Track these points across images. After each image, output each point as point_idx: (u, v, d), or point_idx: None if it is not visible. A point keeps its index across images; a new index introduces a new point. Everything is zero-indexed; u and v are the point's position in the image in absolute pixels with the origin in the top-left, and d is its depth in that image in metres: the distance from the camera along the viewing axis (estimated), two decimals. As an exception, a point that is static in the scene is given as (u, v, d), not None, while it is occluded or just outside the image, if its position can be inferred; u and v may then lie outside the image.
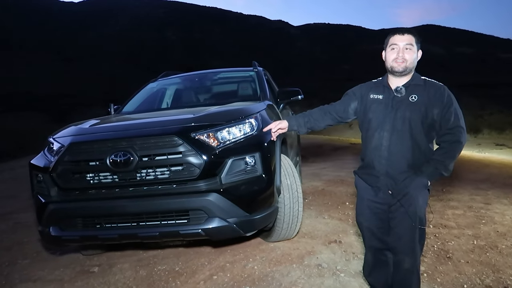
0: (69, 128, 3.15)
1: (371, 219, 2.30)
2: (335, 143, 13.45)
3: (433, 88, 2.13)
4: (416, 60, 2.16)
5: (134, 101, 4.43)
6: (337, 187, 5.84)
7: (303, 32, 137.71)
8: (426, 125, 2.11)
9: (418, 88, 2.14)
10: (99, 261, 3.51)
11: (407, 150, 2.12)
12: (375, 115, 2.21)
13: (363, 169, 2.33)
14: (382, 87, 2.25)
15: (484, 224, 4.07)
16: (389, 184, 2.17)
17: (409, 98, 2.13)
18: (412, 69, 2.16)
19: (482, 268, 3.02)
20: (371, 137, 2.22)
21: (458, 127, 2.08)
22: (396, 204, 2.16)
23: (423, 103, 2.10)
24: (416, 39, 2.15)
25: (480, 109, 24.68)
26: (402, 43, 2.12)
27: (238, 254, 3.31)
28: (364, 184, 2.31)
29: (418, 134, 2.11)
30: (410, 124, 2.10)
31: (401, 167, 2.13)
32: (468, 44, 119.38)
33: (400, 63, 2.11)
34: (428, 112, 2.09)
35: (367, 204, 2.30)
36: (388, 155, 2.15)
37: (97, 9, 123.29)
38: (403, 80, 2.17)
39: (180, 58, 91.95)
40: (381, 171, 2.18)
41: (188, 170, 2.62)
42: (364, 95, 2.32)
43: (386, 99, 2.19)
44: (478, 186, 6.07)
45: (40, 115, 24.37)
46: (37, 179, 2.94)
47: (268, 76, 4.93)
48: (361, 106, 2.33)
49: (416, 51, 2.15)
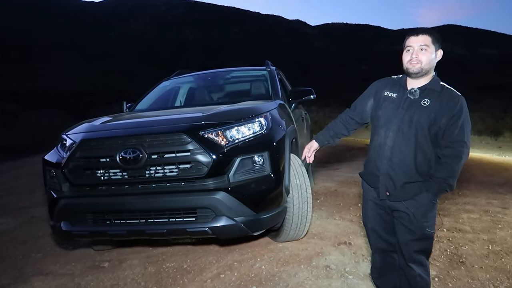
0: (81, 125, 3.20)
1: (375, 220, 2.29)
2: (350, 144, 13.30)
3: (448, 96, 2.06)
4: (433, 60, 2.09)
5: (147, 99, 4.48)
6: (350, 188, 5.77)
7: (321, 32, 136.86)
8: (433, 132, 2.05)
9: (433, 94, 2.08)
10: (110, 256, 3.56)
11: (410, 153, 2.07)
12: (384, 113, 2.18)
13: (366, 168, 2.32)
14: (399, 86, 2.21)
15: (500, 229, 3.96)
16: (388, 184, 2.14)
17: (421, 101, 2.08)
18: (428, 71, 2.09)
19: (496, 274, 2.93)
20: (376, 135, 2.21)
21: (460, 142, 2.00)
22: (403, 212, 2.13)
23: (433, 109, 2.04)
24: (433, 39, 2.08)
25: (503, 112, 24.00)
26: (417, 44, 2.07)
27: (246, 253, 3.31)
28: (368, 185, 2.31)
29: (423, 140, 2.06)
30: (417, 128, 2.06)
31: (401, 170, 2.09)
32: (491, 45, 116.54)
33: (414, 64, 2.06)
34: (437, 119, 2.03)
35: (370, 205, 2.30)
36: (390, 155, 2.11)
37: (117, 9, 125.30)
38: (420, 82, 2.12)
39: (198, 58, 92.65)
40: (381, 170, 2.15)
41: (196, 168, 2.63)
42: (379, 91, 2.28)
43: (398, 98, 2.16)
44: (496, 189, 5.90)
45: (61, 112, 24.93)
46: (50, 175, 3.00)
47: (281, 75, 4.91)
48: (374, 101, 2.30)
49: (433, 51, 2.07)
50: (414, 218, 2.10)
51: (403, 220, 2.14)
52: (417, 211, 2.09)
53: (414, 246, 2.14)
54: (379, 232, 2.29)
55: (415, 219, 2.09)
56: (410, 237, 2.13)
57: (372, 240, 2.36)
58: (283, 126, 3.12)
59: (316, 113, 24.79)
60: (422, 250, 2.17)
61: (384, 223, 2.27)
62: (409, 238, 2.14)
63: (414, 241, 2.13)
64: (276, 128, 2.98)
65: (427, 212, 2.10)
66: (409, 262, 2.18)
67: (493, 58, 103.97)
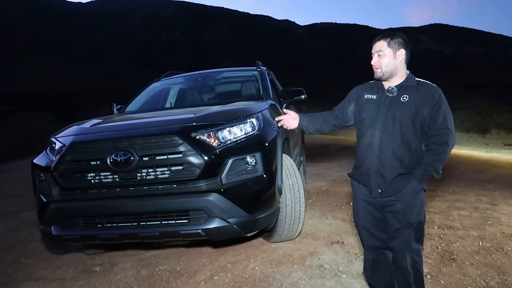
0: (71, 127, 3.16)
1: (366, 218, 2.32)
2: (341, 143, 13.37)
3: (425, 88, 2.16)
4: (392, 62, 2.17)
5: (137, 100, 4.44)
6: (342, 187, 5.79)
7: (310, 31, 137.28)
8: (417, 125, 2.13)
9: (410, 89, 2.17)
10: (101, 260, 3.53)
11: (397, 149, 2.14)
12: (367, 114, 2.26)
13: (356, 169, 2.35)
14: (377, 88, 2.29)
15: (490, 225, 4.01)
16: (379, 182, 2.18)
17: (400, 98, 2.16)
18: (392, 72, 2.18)
19: (487, 270, 2.97)
20: (363, 136, 2.26)
21: (445, 129, 2.08)
22: (392, 205, 2.17)
23: (413, 103, 2.12)
24: (388, 42, 2.17)
25: (489, 109, 24.38)
26: (374, 51, 2.21)
27: (239, 254, 3.30)
28: (358, 184, 2.34)
29: (408, 134, 2.13)
30: (401, 123, 2.13)
31: (391, 166, 2.15)
32: (477, 43, 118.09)
33: (375, 70, 2.20)
34: (419, 112, 2.11)
35: (361, 203, 2.33)
36: (379, 153, 2.17)
37: (105, 10, 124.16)
38: (395, 81, 2.21)
39: (188, 58, 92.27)
40: (372, 169, 2.20)
41: (188, 170, 2.61)
42: (359, 96, 2.36)
43: (379, 99, 2.24)
44: (485, 186, 5.98)
45: (49, 114, 24.59)
46: (39, 178, 2.96)
47: (272, 76, 4.91)
48: (356, 106, 2.37)
49: (390, 54, 2.17)
50: (404, 209, 2.14)
51: (394, 213, 2.17)
52: (406, 200, 2.13)
53: (405, 234, 2.17)
54: (371, 229, 2.32)
55: (405, 209, 2.13)
56: (402, 226, 2.16)
57: (364, 238, 2.39)
58: (275, 126, 3.12)
59: (306, 113, 24.85)
60: (415, 238, 2.19)
61: (375, 220, 2.30)
62: (400, 227, 2.17)
63: (405, 229, 2.16)
64: (268, 128, 2.98)
65: (415, 200, 2.15)
66: (402, 252, 2.19)
67: (480, 56, 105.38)
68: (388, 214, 2.22)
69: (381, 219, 2.28)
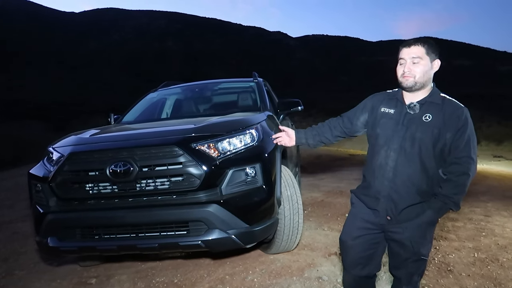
0: (69, 137, 3.14)
1: (360, 238, 2.10)
2: (334, 154, 13.44)
3: (451, 108, 1.92)
4: (428, 72, 1.95)
5: (134, 111, 4.43)
6: (336, 198, 5.82)
7: (302, 43, 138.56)
8: (438, 149, 1.92)
9: (434, 107, 1.94)
10: (97, 272, 3.48)
11: (414, 174, 1.93)
12: (383, 131, 2.03)
13: (362, 188, 2.14)
14: (395, 101, 2.06)
15: (484, 236, 4.06)
16: (389, 208, 1.98)
17: (422, 117, 1.93)
18: (424, 83, 1.95)
19: (483, 281, 2.99)
20: (376, 154, 2.04)
21: (467, 157, 1.87)
22: (398, 233, 2.01)
23: (437, 124, 1.90)
24: (426, 49, 1.94)
25: (479, 121, 24.76)
26: (409, 56, 1.94)
27: (237, 266, 3.28)
28: (362, 204, 2.13)
29: (427, 158, 1.92)
30: (420, 147, 1.91)
31: (405, 192, 1.94)
32: (466, 56, 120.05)
33: (407, 78, 1.93)
34: (441, 135, 1.89)
35: (359, 222, 2.11)
36: (393, 176, 1.96)
37: (98, 20, 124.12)
38: (418, 95, 1.98)
39: (181, 68, 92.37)
40: (382, 192, 1.99)
41: (188, 180, 2.61)
42: (375, 107, 2.13)
43: (397, 114, 2.00)
44: (478, 198, 6.06)
45: (41, 124, 24.34)
46: (36, 189, 2.92)
47: (268, 87, 4.94)
48: (370, 119, 2.14)
49: (428, 63, 1.94)
50: (413, 240, 1.97)
51: (399, 243, 2.02)
52: (416, 231, 1.97)
53: (410, 267, 2.05)
54: (360, 251, 2.11)
55: (414, 241, 1.97)
56: (408, 258, 2.02)
57: (349, 259, 2.15)
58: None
59: (299, 124, 24.97)
60: (419, 272, 2.09)
61: (367, 247, 2.10)
62: (406, 258, 2.03)
63: (411, 262, 2.03)
64: (267, 139, 2.99)
65: (426, 232, 1.99)
66: (402, 282, 2.10)
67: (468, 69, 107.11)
68: (392, 242, 2.06)
69: (374, 248, 2.11)
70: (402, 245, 2.02)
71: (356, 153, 14.31)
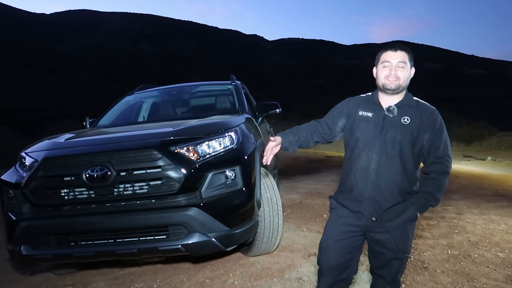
0: (42, 142, 3.05)
1: (341, 245, 2.09)
2: (311, 156, 13.58)
3: (426, 112, 2.00)
4: (409, 78, 2.03)
5: (110, 114, 4.35)
6: (314, 199, 5.87)
7: (278, 46, 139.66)
8: (416, 150, 1.99)
9: (411, 110, 2.00)
10: (73, 280, 3.39)
11: (396, 175, 1.97)
12: (363, 134, 2.05)
13: (343, 193, 2.14)
14: (372, 104, 2.08)
15: (457, 234, 4.19)
16: (373, 210, 2.00)
17: (401, 119, 1.98)
18: (404, 88, 2.02)
19: (457, 277, 3.09)
20: (357, 158, 2.05)
21: (446, 157, 1.98)
22: (381, 233, 2.03)
23: (415, 126, 1.96)
24: (409, 56, 2.01)
25: (449, 122, 25.58)
26: (395, 60, 1.98)
27: (217, 269, 3.27)
28: (343, 208, 2.13)
29: (407, 159, 1.98)
30: (401, 148, 1.96)
31: (388, 193, 1.98)
32: (436, 59, 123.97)
33: (392, 81, 1.97)
34: (419, 136, 1.97)
35: (341, 224, 2.11)
36: (375, 178, 1.99)
37: (69, 22, 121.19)
38: (394, 99, 2.03)
39: (156, 71, 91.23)
40: (366, 195, 2.01)
41: (167, 184, 2.58)
42: (352, 112, 2.14)
43: (376, 117, 2.03)
44: (450, 196, 6.25)
45: (10, 129, 23.52)
46: (7, 196, 2.83)
47: (246, 90, 4.95)
48: (348, 123, 2.15)
49: (409, 68, 2.01)
50: (397, 238, 2.02)
51: (383, 243, 2.05)
52: (399, 229, 2.01)
53: (395, 265, 2.08)
54: (342, 255, 2.10)
55: (398, 238, 2.02)
56: (392, 256, 2.05)
57: (329, 263, 2.13)
58: (252, 140, 3.15)
59: (275, 126, 25.00)
60: (401, 269, 2.14)
61: (348, 250, 2.10)
62: (391, 257, 2.06)
63: (395, 260, 2.07)
64: (246, 142, 3.00)
65: (409, 229, 2.05)
66: (386, 281, 2.13)
67: (439, 72, 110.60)
68: (375, 243, 2.09)
69: (354, 251, 2.12)
70: (386, 245, 2.04)
71: (333, 154, 14.51)
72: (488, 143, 21.42)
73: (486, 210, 5.35)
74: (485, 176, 9.65)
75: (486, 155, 15.99)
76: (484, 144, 21.33)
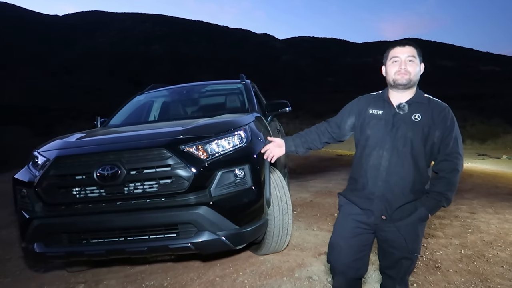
0: (54, 141, 3.09)
1: (352, 239, 2.08)
2: (322, 155, 13.51)
3: (438, 108, 1.98)
4: (419, 73, 2.02)
5: (121, 114, 4.39)
6: (325, 198, 5.85)
7: (289, 45, 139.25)
8: (428, 148, 1.96)
9: (422, 107, 1.99)
10: (85, 278, 3.43)
11: (407, 172, 1.95)
12: (373, 132, 2.04)
13: (353, 191, 2.13)
14: (382, 102, 2.08)
15: (470, 233, 4.12)
16: (383, 208, 1.99)
17: (412, 116, 1.97)
18: (415, 83, 2.01)
19: (470, 277, 3.04)
20: (368, 156, 2.04)
21: (456, 154, 1.94)
22: (390, 231, 2.02)
23: (426, 123, 1.95)
24: (417, 51, 2.01)
25: (463, 121, 25.20)
26: (404, 55, 1.99)
27: (227, 268, 3.27)
28: (352, 205, 2.13)
29: (419, 157, 1.95)
30: (412, 145, 1.94)
31: (399, 191, 1.96)
32: (449, 57, 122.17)
33: (403, 75, 1.96)
34: (431, 134, 1.94)
35: (350, 222, 2.10)
36: (386, 176, 1.97)
37: (82, 23, 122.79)
38: (405, 95, 2.02)
39: (167, 71, 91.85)
40: (376, 193, 1.99)
41: (177, 183, 2.59)
42: (362, 110, 2.14)
43: (386, 115, 2.02)
44: (463, 195, 6.16)
45: (24, 129, 23.92)
46: (21, 194, 2.87)
47: (256, 89, 4.95)
48: (358, 122, 2.15)
49: (418, 63, 2.01)
50: (407, 237, 2.00)
51: (393, 242, 2.04)
52: (409, 228, 2.00)
53: (405, 265, 2.07)
54: (354, 253, 2.09)
55: (408, 238, 2.00)
56: (402, 256, 2.04)
57: (342, 262, 2.11)
58: (262, 138, 3.14)
59: (286, 125, 25.04)
60: (410, 270, 2.13)
61: (361, 248, 2.10)
62: (400, 257, 2.05)
63: (405, 259, 2.05)
64: (255, 140, 3.00)
65: (419, 229, 2.03)
66: (395, 281, 2.12)
67: (451, 70, 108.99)
68: (384, 243, 2.08)
69: (366, 249, 2.11)
70: (396, 244, 2.03)
71: (344, 153, 14.42)
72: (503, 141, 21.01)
73: (500, 209, 5.26)
74: (500, 174, 9.48)
75: (501, 154, 15.72)
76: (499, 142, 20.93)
